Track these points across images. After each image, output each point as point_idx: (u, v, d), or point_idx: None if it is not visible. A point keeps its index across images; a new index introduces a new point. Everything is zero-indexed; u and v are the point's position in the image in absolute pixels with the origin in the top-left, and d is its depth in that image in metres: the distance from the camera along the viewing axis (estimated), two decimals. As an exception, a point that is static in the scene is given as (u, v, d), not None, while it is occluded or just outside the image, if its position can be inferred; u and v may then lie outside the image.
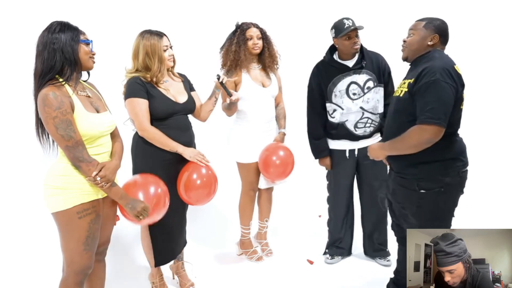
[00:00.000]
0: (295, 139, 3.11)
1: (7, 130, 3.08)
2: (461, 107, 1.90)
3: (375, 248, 2.82)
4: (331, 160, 2.72)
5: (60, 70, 1.70)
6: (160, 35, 2.20)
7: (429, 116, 1.76)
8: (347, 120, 2.59)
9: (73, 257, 1.76)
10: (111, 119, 1.88)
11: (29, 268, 2.73)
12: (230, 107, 2.57)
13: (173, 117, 2.24)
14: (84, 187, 1.74)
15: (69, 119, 1.66)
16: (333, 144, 2.69)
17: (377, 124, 2.63)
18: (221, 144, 3.02)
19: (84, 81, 1.89)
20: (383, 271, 2.68)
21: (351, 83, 2.55)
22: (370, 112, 2.58)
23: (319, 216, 3.52)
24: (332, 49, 2.63)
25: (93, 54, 1.80)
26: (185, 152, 2.22)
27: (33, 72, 1.71)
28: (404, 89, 1.93)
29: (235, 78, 2.64)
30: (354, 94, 2.55)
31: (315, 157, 2.76)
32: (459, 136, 1.97)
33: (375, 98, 2.58)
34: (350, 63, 2.55)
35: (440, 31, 1.94)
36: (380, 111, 2.62)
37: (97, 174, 1.70)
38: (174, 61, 2.31)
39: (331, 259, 2.86)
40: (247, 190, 2.87)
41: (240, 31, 2.65)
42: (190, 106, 2.34)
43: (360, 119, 2.58)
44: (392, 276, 2.32)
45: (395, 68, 2.66)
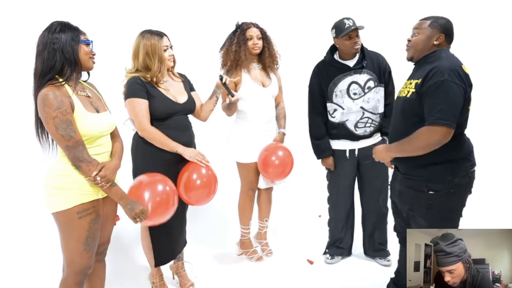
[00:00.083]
0: (295, 139, 3.12)
1: (7, 130, 3.08)
2: (469, 107, 1.87)
3: (375, 248, 2.81)
4: (333, 161, 2.72)
5: (60, 70, 1.70)
6: (161, 35, 2.20)
7: (438, 117, 1.72)
8: (348, 120, 2.59)
9: (73, 257, 1.77)
10: (111, 119, 1.88)
11: (29, 268, 2.73)
12: (230, 107, 2.57)
13: (173, 117, 2.24)
14: (84, 187, 1.74)
15: (69, 119, 1.66)
16: (334, 144, 2.69)
17: (377, 124, 2.63)
18: (221, 144, 3.02)
19: (84, 81, 1.89)
20: (383, 271, 2.68)
21: (352, 83, 2.55)
22: (371, 112, 2.58)
23: (319, 216, 3.52)
24: (333, 49, 2.63)
25: (93, 55, 1.80)
26: (185, 152, 2.22)
27: (33, 72, 1.71)
28: (411, 90, 1.88)
29: (237, 79, 2.64)
30: (355, 94, 2.55)
31: (318, 157, 2.75)
32: (467, 136, 1.94)
33: (376, 98, 2.58)
34: (351, 63, 2.55)
35: (446, 30, 1.90)
36: (381, 111, 2.62)
37: (97, 174, 1.70)
38: (174, 61, 2.31)
39: (331, 259, 2.86)
40: (247, 190, 2.87)
41: (240, 31, 2.65)
42: (190, 106, 2.34)
43: (361, 119, 2.58)
44: (393, 276, 2.32)
45: (396, 68, 2.67)
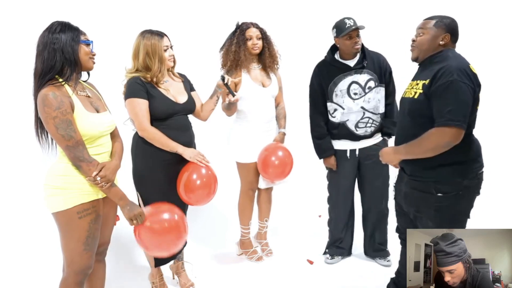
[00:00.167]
0: (295, 139, 3.12)
1: (7, 130, 3.08)
2: (477, 108, 1.83)
3: (375, 248, 2.81)
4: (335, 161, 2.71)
5: (60, 70, 1.70)
6: (161, 35, 2.20)
7: (449, 118, 1.69)
8: (348, 120, 2.59)
9: (73, 257, 1.77)
10: (111, 119, 1.88)
11: (29, 268, 2.73)
12: (230, 107, 2.57)
13: (173, 117, 2.24)
14: (84, 187, 1.74)
15: (69, 119, 1.66)
16: (334, 144, 2.68)
17: (378, 124, 2.63)
18: (221, 144, 3.02)
19: (84, 81, 1.89)
20: (383, 271, 2.68)
21: (352, 83, 2.55)
22: (371, 112, 2.58)
23: (319, 216, 3.52)
24: (334, 49, 2.63)
25: (93, 55, 1.80)
26: (185, 153, 2.22)
27: (33, 72, 1.71)
28: (419, 91, 1.85)
29: (238, 79, 2.64)
30: (355, 94, 2.55)
31: (319, 157, 2.74)
32: (475, 137, 1.91)
33: (376, 98, 2.58)
34: (352, 63, 2.55)
35: (451, 30, 1.87)
36: (381, 111, 2.62)
37: (97, 174, 1.70)
38: (175, 61, 2.31)
39: (331, 259, 2.86)
40: (246, 190, 2.87)
41: (240, 31, 2.65)
42: (190, 106, 2.34)
43: (361, 119, 2.58)
44: (393, 276, 2.32)
45: (396, 68, 2.67)
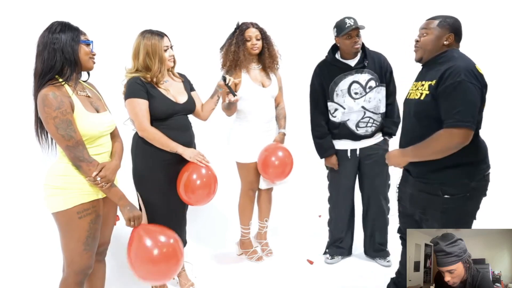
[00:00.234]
0: (296, 139, 3.11)
1: (7, 130, 3.08)
2: (483, 108, 1.82)
3: (376, 248, 2.81)
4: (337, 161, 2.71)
5: (60, 70, 1.70)
6: (161, 35, 2.20)
7: (458, 119, 1.68)
8: (349, 120, 2.59)
9: (73, 257, 1.77)
10: (111, 119, 1.88)
11: (29, 268, 2.73)
12: (230, 107, 2.57)
13: (173, 118, 2.24)
14: (84, 187, 1.75)
15: (69, 119, 1.66)
16: (335, 144, 2.68)
17: (379, 124, 2.63)
18: (221, 144, 3.02)
19: (84, 81, 1.89)
20: (383, 271, 2.68)
21: (353, 82, 2.55)
22: (372, 112, 2.58)
23: (319, 216, 3.52)
24: (334, 49, 2.63)
25: (93, 55, 1.80)
26: (185, 153, 2.22)
27: (33, 72, 1.71)
28: (425, 92, 1.83)
29: (239, 80, 2.62)
30: (356, 94, 2.55)
31: (321, 157, 2.73)
32: (481, 138, 1.89)
33: (377, 98, 2.58)
34: (352, 62, 2.55)
35: (455, 30, 1.85)
36: (382, 111, 2.62)
37: (97, 174, 1.70)
38: (175, 62, 2.31)
39: (331, 259, 2.86)
40: (247, 190, 2.87)
41: (239, 32, 2.64)
42: (190, 106, 2.34)
43: (362, 119, 2.58)
44: (393, 276, 2.32)
45: (396, 69, 2.66)
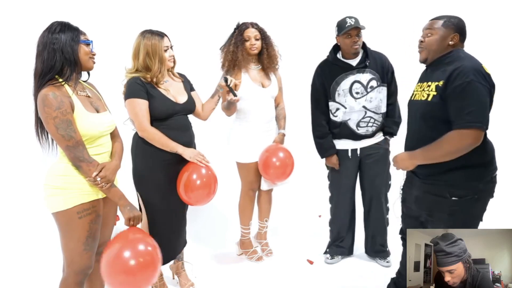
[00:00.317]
0: (296, 140, 3.11)
1: (7, 130, 3.09)
2: (490, 108, 1.79)
3: (376, 249, 2.81)
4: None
5: (60, 70, 1.70)
6: (161, 35, 2.20)
7: (469, 120, 1.66)
8: (350, 119, 2.59)
9: (73, 257, 1.77)
10: (111, 119, 1.88)
11: (29, 268, 2.73)
12: (229, 107, 2.57)
13: (173, 118, 2.24)
14: (84, 187, 1.75)
15: (69, 119, 1.66)
16: (336, 144, 2.67)
17: (380, 124, 2.62)
18: (221, 144, 3.02)
19: (84, 81, 1.89)
20: (383, 272, 2.69)
21: (355, 82, 2.55)
22: (373, 112, 2.58)
23: (319, 216, 3.52)
24: (336, 48, 2.63)
25: (93, 55, 1.80)
26: (185, 153, 2.22)
27: (33, 72, 1.71)
28: (432, 93, 1.80)
29: (240, 81, 2.61)
30: (357, 93, 2.55)
31: (321, 157, 2.73)
32: (488, 139, 1.86)
33: (378, 98, 2.58)
34: (354, 62, 2.55)
35: (460, 29, 1.84)
36: (383, 111, 2.62)
37: (97, 175, 1.70)
38: (174, 62, 2.31)
39: (331, 259, 2.86)
40: (247, 190, 2.86)
41: (238, 32, 2.64)
42: (190, 107, 2.34)
43: (363, 118, 2.58)
44: (394, 277, 2.32)
45: (397, 69, 2.66)
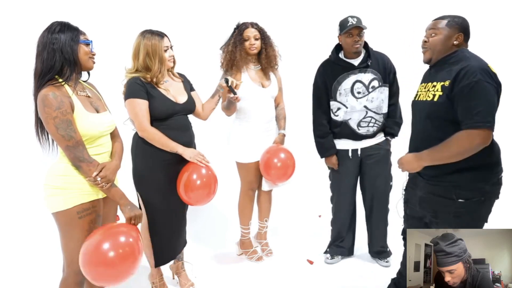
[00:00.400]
0: (296, 140, 3.11)
1: (7, 130, 3.09)
2: (497, 108, 1.76)
3: (377, 250, 2.81)
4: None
5: (60, 70, 1.70)
6: (161, 36, 2.20)
7: (478, 120, 1.64)
8: (351, 119, 2.58)
9: (73, 257, 1.76)
10: (111, 119, 1.88)
11: (29, 268, 2.74)
12: (229, 107, 2.57)
13: (173, 118, 2.24)
14: (84, 187, 1.75)
15: (69, 119, 1.66)
16: (336, 144, 2.67)
17: (381, 124, 2.62)
18: (221, 144, 3.02)
19: (84, 81, 1.89)
20: (383, 272, 2.69)
21: (356, 82, 2.54)
22: (374, 112, 2.57)
23: (319, 216, 3.52)
24: (338, 48, 2.63)
25: (93, 55, 1.80)
26: (185, 153, 2.22)
27: (33, 72, 1.71)
28: (438, 93, 1.79)
29: (241, 81, 2.61)
30: (359, 93, 2.55)
31: (321, 156, 2.73)
32: (494, 139, 1.83)
33: (380, 98, 2.57)
34: (356, 62, 2.55)
35: (464, 29, 1.83)
36: (384, 111, 2.61)
37: (98, 175, 1.70)
38: (174, 62, 2.31)
39: (331, 259, 2.86)
40: (246, 190, 2.86)
41: (238, 32, 2.64)
42: (190, 107, 2.34)
43: (364, 118, 2.58)
44: (394, 277, 2.31)
45: (399, 70, 2.66)
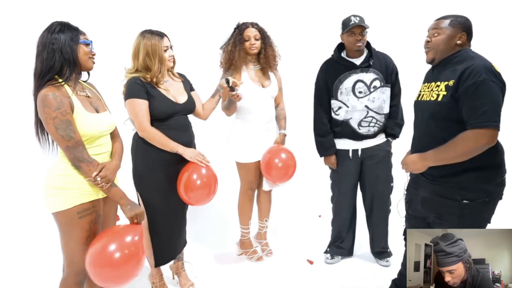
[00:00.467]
0: (296, 140, 3.11)
1: (7, 130, 3.09)
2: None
3: (378, 250, 2.82)
4: (336, 160, 2.70)
5: (59, 71, 1.70)
6: (161, 35, 2.19)
7: (484, 120, 1.63)
8: (351, 118, 2.58)
9: (73, 257, 1.77)
10: (111, 119, 1.88)
11: (29, 268, 2.73)
12: (229, 107, 2.57)
13: (173, 118, 2.24)
14: (84, 187, 1.75)
15: (69, 120, 1.66)
16: (337, 144, 2.67)
17: (382, 125, 2.62)
18: (221, 144, 3.02)
19: (84, 81, 1.89)
20: (383, 272, 2.69)
21: (358, 81, 2.54)
22: (375, 112, 2.57)
23: (319, 216, 3.52)
24: (341, 47, 2.63)
25: (93, 55, 1.80)
26: (185, 153, 2.22)
27: (33, 72, 1.71)
28: (442, 93, 1.77)
29: (242, 82, 2.61)
30: (360, 93, 2.55)
31: (320, 155, 2.73)
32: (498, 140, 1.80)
33: (381, 98, 2.57)
34: (358, 61, 2.55)
35: (467, 29, 1.82)
36: (386, 112, 2.61)
37: (97, 175, 1.70)
38: (174, 62, 2.31)
39: (331, 259, 2.86)
40: (246, 190, 2.86)
41: (238, 31, 2.64)
42: (190, 106, 2.34)
43: (365, 118, 2.57)
44: (395, 278, 2.31)
45: (400, 69, 2.66)
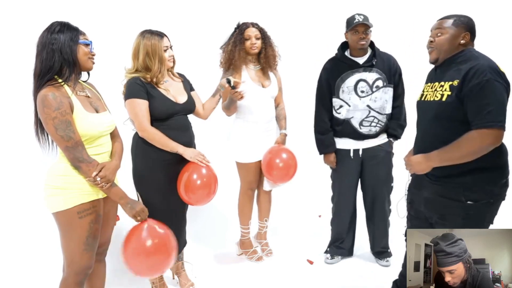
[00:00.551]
0: (296, 139, 3.11)
1: (7, 130, 3.08)
2: None
3: (378, 250, 2.82)
4: (336, 159, 2.70)
5: (59, 71, 1.70)
6: (161, 35, 2.19)
7: (489, 120, 1.62)
8: (353, 117, 2.58)
9: (73, 257, 1.77)
10: (111, 119, 1.88)
11: (29, 268, 2.73)
12: (230, 107, 2.57)
13: (173, 118, 2.24)
14: (84, 187, 1.74)
15: (69, 120, 1.66)
16: (338, 143, 2.67)
17: (383, 125, 2.61)
18: (221, 144, 3.02)
19: (84, 81, 1.89)
20: (383, 272, 2.69)
21: (360, 80, 2.54)
22: (377, 112, 2.57)
23: (319, 216, 3.52)
24: (344, 46, 2.63)
25: (93, 55, 1.80)
26: (186, 153, 2.22)
27: (33, 72, 1.71)
28: (446, 93, 1.76)
29: (243, 81, 2.60)
30: (362, 92, 2.54)
31: (320, 153, 2.73)
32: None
33: (384, 98, 2.57)
34: (361, 60, 2.54)
35: (470, 28, 1.81)
36: (388, 112, 2.61)
37: (97, 175, 1.70)
38: (174, 62, 2.31)
39: (331, 259, 2.86)
40: (246, 190, 2.86)
41: (239, 31, 2.64)
42: (190, 106, 2.34)
43: (366, 117, 2.57)
44: (396, 279, 2.30)
45: (402, 70, 2.65)
